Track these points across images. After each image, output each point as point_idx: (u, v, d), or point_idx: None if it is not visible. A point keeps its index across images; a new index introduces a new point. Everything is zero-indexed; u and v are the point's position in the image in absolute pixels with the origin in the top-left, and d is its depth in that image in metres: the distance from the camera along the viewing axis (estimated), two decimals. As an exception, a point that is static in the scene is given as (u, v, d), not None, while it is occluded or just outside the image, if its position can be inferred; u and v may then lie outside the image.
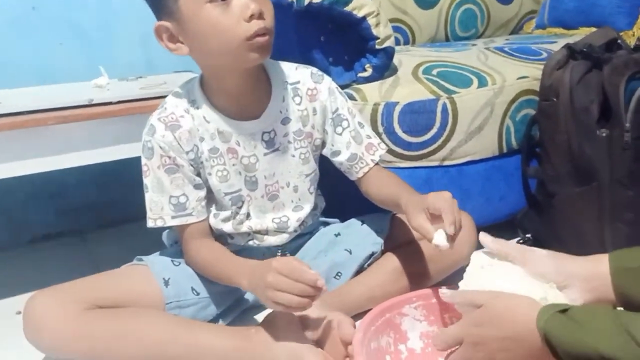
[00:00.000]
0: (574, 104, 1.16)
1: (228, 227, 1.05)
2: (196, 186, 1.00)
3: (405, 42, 1.73)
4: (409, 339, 0.92)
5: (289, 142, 1.04)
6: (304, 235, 1.13)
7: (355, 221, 1.15)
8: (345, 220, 1.17)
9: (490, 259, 0.85)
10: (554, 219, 1.24)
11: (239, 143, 1.01)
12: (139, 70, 1.54)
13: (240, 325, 1.03)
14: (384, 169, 1.09)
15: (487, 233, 0.86)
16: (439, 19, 1.76)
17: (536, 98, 1.25)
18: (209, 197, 1.03)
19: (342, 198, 1.16)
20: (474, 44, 1.58)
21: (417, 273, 1.06)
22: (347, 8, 1.13)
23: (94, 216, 1.60)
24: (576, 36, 1.51)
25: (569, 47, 1.19)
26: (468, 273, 0.84)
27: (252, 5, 0.87)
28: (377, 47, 1.17)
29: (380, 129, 1.18)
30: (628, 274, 0.69)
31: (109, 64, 1.42)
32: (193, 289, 1.01)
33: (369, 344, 0.85)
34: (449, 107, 1.19)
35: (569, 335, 0.62)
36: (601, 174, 1.15)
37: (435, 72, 1.24)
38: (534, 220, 1.30)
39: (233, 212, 1.04)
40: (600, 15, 1.63)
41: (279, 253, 1.09)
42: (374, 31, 1.15)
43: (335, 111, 1.06)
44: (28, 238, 1.55)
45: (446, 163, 1.23)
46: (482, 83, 1.23)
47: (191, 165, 0.99)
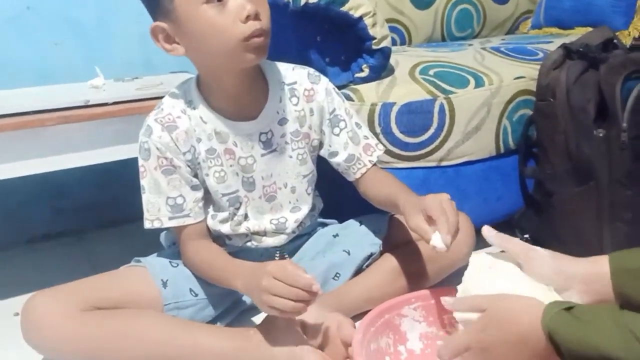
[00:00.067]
0: (570, 104, 1.16)
1: (226, 229, 1.04)
2: (193, 187, 1.00)
3: (402, 42, 1.73)
4: (409, 340, 0.92)
5: (287, 143, 1.04)
6: (302, 236, 1.13)
7: (354, 222, 1.15)
8: (344, 221, 1.17)
9: (489, 261, 0.84)
10: (552, 218, 1.24)
11: (236, 144, 1.00)
12: (135, 71, 1.53)
13: (238, 326, 1.02)
14: (382, 169, 1.09)
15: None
16: (435, 19, 1.76)
17: (533, 98, 1.26)
18: (207, 198, 1.03)
19: (340, 199, 1.16)
20: (470, 44, 1.58)
21: (416, 274, 1.06)
22: (344, 8, 1.13)
23: (93, 216, 1.59)
24: (572, 36, 1.51)
25: (565, 47, 1.20)
26: (467, 276, 0.84)
27: (248, 6, 0.86)
28: (374, 48, 1.17)
29: (378, 130, 1.18)
30: (628, 275, 0.69)
31: (105, 64, 1.42)
32: (191, 290, 1.01)
33: (368, 345, 0.85)
34: (446, 108, 1.19)
35: (572, 333, 0.62)
36: (599, 173, 1.16)
37: (432, 73, 1.24)
38: (531, 220, 1.30)
39: (231, 213, 1.04)
40: (596, 15, 1.63)
41: (277, 254, 1.09)
42: (371, 31, 1.15)
43: (332, 112, 1.05)
44: (26, 238, 1.54)
45: (443, 163, 1.23)
46: (479, 83, 1.23)
47: (188, 166, 0.99)
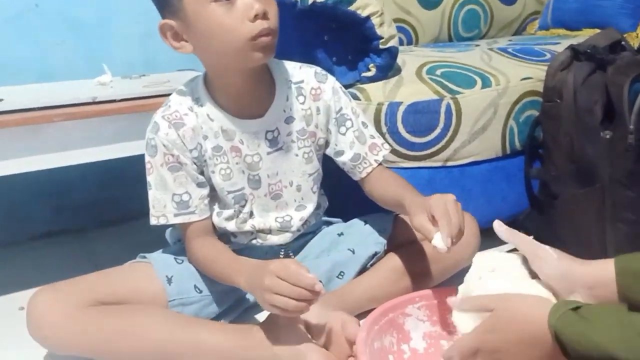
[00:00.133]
0: (577, 105, 1.16)
1: (231, 226, 1.05)
2: (199, 184, 1.00)
3: (409, 42, 1.73)
4: (412, 339, 0.92)
5: (293, 142, 1.04)
6: (307, 234, 1.13)
7: (358, 221, 1.15)
8: (348, 220, 1.17)
9: (492, 262, 0.83)
10: (556, 219, 1.24)
11: (242, 141, 1.01)
12: (141, 68, 1.54)
13: (242, 324, 1.03)
14: (388, 169, 1.09)
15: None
16: (442, 19, 1.76)
17: (539, 99, 1.25)
18: (212, 196, 1.03)
19: (345, 198, 1.16)
20: (477, 45, 1.58)
21: (419, 273, 1.06)
22: (352, 7, 1.13)
23: (95, 214, 1.60)
24: (579, 37, 1.51)
25: (572, 48, 1.19)
26: (469, 276, 0.84)
27: (257, 5, 0.87)
28: (381, 47, 1.17)
29: (384, 129, 1.18)
30: (633, 278, 0.69)
31: (111, 62, 1.42)
32: (196, 287, 1.01)
33: (372, 344, 0.85)
34: (453, 108, 1.19)
35: (579, 334, 0.62)
36: (604, 175, 1.15)
37: (439, 73, 1.24)
38: (536, 220, 1.30)
39: (236, 211, 1.04)
40: (603, 16, 1.63)
41: (282, 252, 1.09)
42: (378, 31, 1.15)
43: (339, 111, 1.05)
44: (28, 235, 1.54)
45: (449, 164, 1.23)
46: (486, 84, 1.23)
47: (194, 163, 0.99)
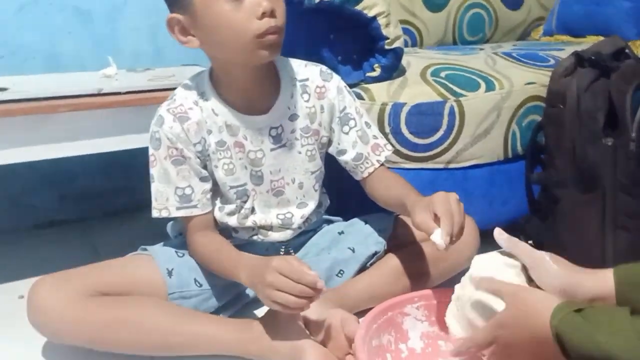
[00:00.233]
0: (580, 111, 1.16)
1: (233, 221, 1.05)
2: (202, 178, 1.01)
3: (413, 44, 1.73)
4: (410, 339, 0.92)
5: (296, 139, 1.04)
6: (307, 232, 1.13)
7: (359, 220, 1.16)
8: (349, 219, 1.18)
9: (491, 267, 0.83)
10: (556, 224, 1.24)
11: (246, 137, 1.01)
12: (146, 62, 1.54)
13: (241, 318, 1.03)
14: (390, 170, 1.10)
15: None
16: (447, 22, 1.77)
17: (543, 104, 1.26)
18: (215, 190, 1.04)
19: (347, 197, 1.17)
20: (482, 49, 1.58)
21: (419, 274, 1.07)
22: (358, 7, 1.13)
23: (99, 204, 1.60)
24: (584, 44, 1.51)
25: (577, 55, 1.20)
26: (466, 279, 0.84)
27: (264, 3, 0.87)
28: (387, 48, 1.17)
29: (387, 129, 1.18)
30: (633, 288, 0.69)
31: (118, 54, 1.43)
32: (196, 280, 1.02)
33: (370, 341, 0.85)
34: (456, 110, 1.19)
35: (581, 335, 0.62)
36: (605, 181, 1.16)
37: (443, 75, 1.25)
38: (536, 225, 1.30)
39: (238, 206, 1.05)
40: (608, 24, 1.64)
41: (283, 249, 1.10)
42: (384, 31, 1.15)
43: (342, 110, 1.06)
44: (31, 224, 1.55)
45: (451, 166, 1.23)
46: (490, 87, 1.24)
47: (198, 157, 1.00)
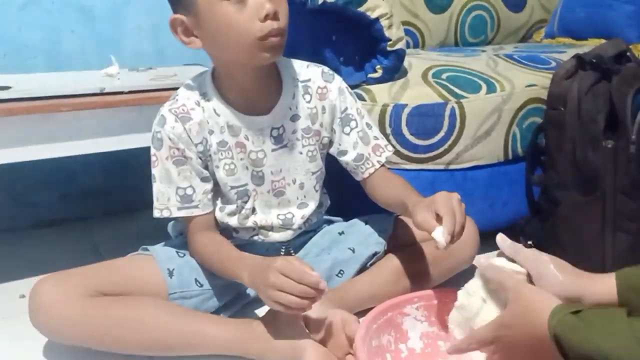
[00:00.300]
0: (581, 114, 1.17)
1: (233, 221, 1.05)
2: (203, 179, 1.01)
3: (415, 45, 1.74)
4: (410, 339, 0.93)
5: (297, 139, 1.05)
6: (308, 232, 1.14)
7: (359, 221, 1.16)
8: (350, 220, 1.18)
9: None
10: (556, 226, 1.24)
11: (247, 137, 1.01)
12: (148, 61, 1.54)
13: (242, 318, 1.03)
14: (390, 171, 1.10)
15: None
16: (450, 23, 1.77)
17: (543, 106, 1.26)
18: (216, 190, 1.04)
19: (347, 197, 1.17)
20: (484, 50, 1.59)
21: (419, 274, 1.07)
22: (361, 8, 1.14)
23: (99, 203, 1.60)
24: (585, 47, 1.51)
25: (578, 57, 1.20)
26: (471, 287, 0.83)
27: (268, 5, 0.87)
28: (389, 49, 1.18)
29: (388, 130, 1.19)
30: (636, 294, 0.69)
31: (121, 53, 1.43)
32: (197, 280, 1.02)
33: (370, 341, 0.85)
34: (457, 112, 1.20)
35: (579, 337, 0.62)
36: (605, 183, 1.16)
37: (444, 77, 1.25)
38: (536, 227, 1.31)
39: (238, 207, 1.05)
40: (610, 27, 1.64)
41: (283, 250, 1.10)
42: (387, 33, 1.16)
43: (344, 111, 1.06)
44: (32, 222, 1.55)
45: (452, 167, 1.23)
46: (491, 89, 1.24)
47: (199, 157, 1.00)
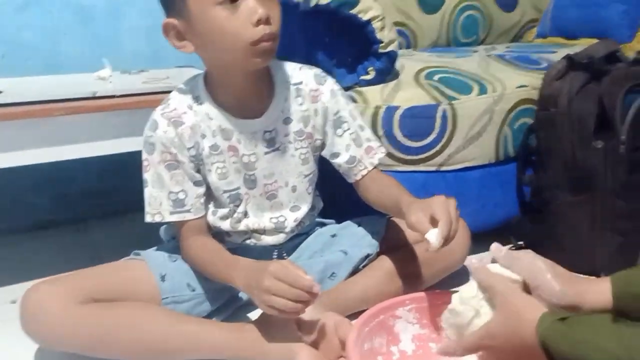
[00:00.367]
0: (571, 114, 1.17)
1: (226, 225, 1.05)
2: (196, 183, 1.01)
3: (408, 46, 1.74)
4: (401, 341, 0.93)
5: (290, 142, 1.05)
6: (300, 235, 1.14)
7: (352, 223, 1.16)
8: (342, 222, 1.18)
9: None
10: (547, 226, 1.25)
11: (240, 141, 1.01)
12: (144, 63, 1.54)
13: (234, 322, 1.03)
14: (383, 172, 1.10)
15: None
16: (442, 24, 1.77)
17: (534, 107, 1.27)
18: (208, 194, 1.04)
19: (340, 199, 1.17)
20: (475, 51, 1.59)
21: (411, 276, 1.07)
22: (353, 11, 1.14)
23: (94, 205, 1.60)
24: (577, 47, 1.52)
25: (569, 58, 1.21)
26: (467, 293, 0.81)
27: (260, 10, 0.87)
28: (381, 51, 1.18)
29: (380, 132, 1.19)
30: (633, 299, 0.70)
31: (117, 54, 1.43)
32: (189, 285, 1.02)
33: (362, 344, 0.86)
34: (449, 113, 1.20)
35: (567, 344, 0.63)
36: (596, 183, 1.17)
37: (436, 78, 1.25)
38: (527, 227, 1.32)
39: (231, 210, 1.05)
40: (601, 26, 1.64)
41: (276, 253, 1.10)
42: (379, 35, 1.16)
43: (336, 113, 1.06)
44: (28, 225, 1.54)
45: (444, 168, 1.24)
46: (482, 90, 1.24)
47: (192, 161, 1.00)
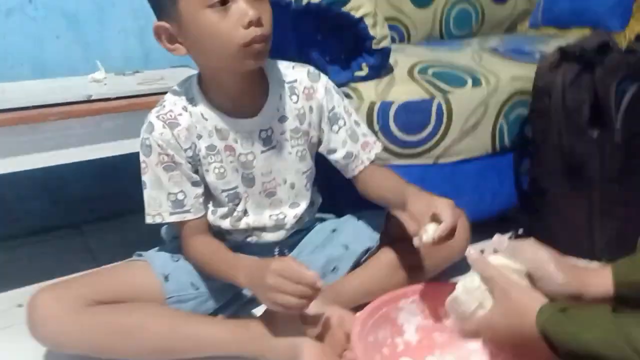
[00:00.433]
0: (565, 105, 1.18)
1: (226, 224, 1.06)
2: (194, 183, 1.02)
3: (401, 40, 1.74)
4: (405, 332, 0.94)
5: (286, 140, 1.05)
6: (301, 231, 1.14)
7: (352, 217, 1.17)
8: (342, 216, 1.19)
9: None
10: (545, 215, 1.26)
11: (236, 140, 1.02)
12: (135, 64, 1.54)
13: (239, 318, 1.04)
14: (380, 166, 1.11)
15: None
16: (434, 17, 1.77)
17: (529, 98, 1.28)
18: (207, 194, 1.04)
19: (339, 194, 1.18)
20: (469, 44, 1.59)
21: (412, 267, 1.08)
22: (345, 8, 1.14)
23: (92, 209, 1.59)
24: (569, 36, 1.53)
25: (561, 50, 1.21)
26: (470, 284, 0.82)
27: (251, 12, 0.87)
28: (374, 47, 1.18)
29: (376, 128, 1.19)
30: (630, 288, 0.71)
31: (107, 57, 1.42)
32: (192, 283, 1.03)
33: (366, 337, 0.87)
34: (444, 107, 1.21)
35: (567, 334, 0.64)
36: (592, 172, 1.18)
37: (430, 72, 1.26)
38: (525, 216, 1.33)
39: (230, 209, 1.05)
40: (593, 16, 1.65)
41: (276, 250, 1.11)
42: (371, 31, 1.16)
43: (331, 110, 1.07)
44: (26, 230, 1.54)
45: (441, 161, 1.25)
46: (477, 83, 1.25)
47: (189, 162, 1.00)
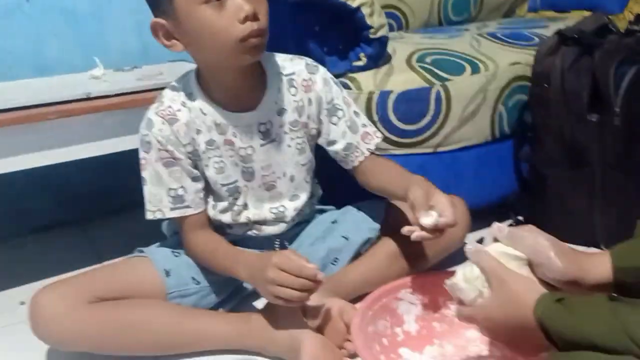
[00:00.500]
0: (565, 90, 1.18)
1: (226, 218, 1.06)
2: (194, 179, 1.02)
3: (399, 27, 1.73)
4: (405, 322, 0.94)
5: (285, 133, 1.05)
6: (301, 223, 1.15)
7: (352, 208, 1.17)
8: (342, 207, 1.19)
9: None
10: (545, 201, 1.26)
11: (235, 134, 1.02)
12: (134, 59, 1.53)
13: (241, 312, 1.05)
14: (380, 156, 1.11)
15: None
16: (432, 3, 1.76)
17: (528, 84, 1.27)
18: (207, 189, 1.05)
19: (339, 185, 1.18)
20: (467, 29, 1.58)
21: (412, 257, 1.09)
22: (342, -2, 1.14)
23: (96, 204, 1.60)
24: (568, 20, 1.52)
25: (560, 34, 1.21)
26: (471, 273, 0.81)
27: (246, 7, 0.87)
28: (372, 37, 1.18)
29: (375, 117, 1.19)
30: (628, 273, 0.71)
31: (106, 53, 1.42)
32: (194, 278, 1.04)
33: (366, 327, 0.87)
34: (443, 95, 1.20)
35: (564, 324, 0.64)
36: (592, 157, 1.18)
37: (428, 60, 1.25)
38: (525, 202, 1.33)
39: (230, 203, 1.06)
40: (592, -2, 1.64)
41: (277, 242, 1.11)
42: (368, 21, 1.16)
43: (330, 101, 1.07)
44: (29, 228, 1.55)
45: (440, 149, 1.25)
46: (475, 70, 1.25)
47: (189, 158, 1.01)
